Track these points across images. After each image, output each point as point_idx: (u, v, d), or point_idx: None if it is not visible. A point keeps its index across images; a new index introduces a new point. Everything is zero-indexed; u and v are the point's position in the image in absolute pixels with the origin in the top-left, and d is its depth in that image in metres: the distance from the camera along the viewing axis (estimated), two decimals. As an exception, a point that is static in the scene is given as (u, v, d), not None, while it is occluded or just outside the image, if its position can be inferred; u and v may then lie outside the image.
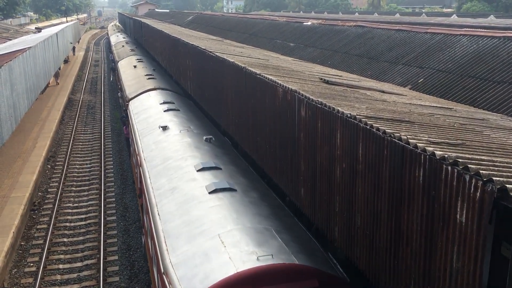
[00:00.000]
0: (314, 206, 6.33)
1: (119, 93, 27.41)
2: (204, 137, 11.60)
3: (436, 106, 8.30)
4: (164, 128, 12.69)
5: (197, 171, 9.39)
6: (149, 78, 21.14)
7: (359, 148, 5.01)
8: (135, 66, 25.51)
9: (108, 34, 69.27)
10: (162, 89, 18.80)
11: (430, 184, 3.89)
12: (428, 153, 3.89)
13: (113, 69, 38.27)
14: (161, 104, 15.78)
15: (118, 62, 30.97)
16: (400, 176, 4.31)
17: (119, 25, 74.20)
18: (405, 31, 16.77)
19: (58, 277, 12.08)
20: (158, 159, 10.89)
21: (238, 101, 9.89)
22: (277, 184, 7.90)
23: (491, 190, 3.21)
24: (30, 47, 24.53)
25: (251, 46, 23.65)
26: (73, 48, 56.65)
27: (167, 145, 11.47)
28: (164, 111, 14.66)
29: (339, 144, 5.48)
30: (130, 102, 18.04)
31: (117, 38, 49.61)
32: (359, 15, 48.14)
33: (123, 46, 38.97)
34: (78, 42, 67.41)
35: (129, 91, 19.85)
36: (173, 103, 16.00)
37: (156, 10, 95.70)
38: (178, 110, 15.02)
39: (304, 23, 25.32)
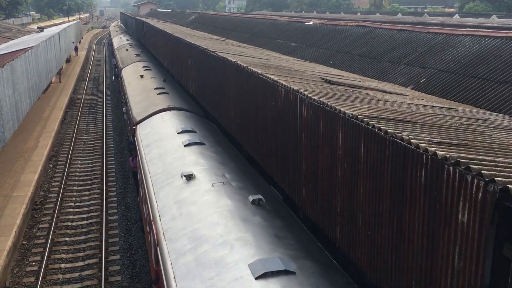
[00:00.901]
0: (315, 206, 6.33)
1: (123, 109, 23.26)
2: (251, 198, 7.95)
3: (438, 106, 8.29)
4: (189, 177, 9.10)
5: (255, 278, 5.65)
6: (160, 93, 17.56)
7: (361, 148, 5.00)
8: (141, 76, 21.84)
9: (110, 35, 65.41)
10: (178, 109, 15.27)
11: (431, 184, 3.88)
12: (430, 153, 3.88)
13: (116, 75, 35.59)
14: (179, 133, 12.13)
15: (122, 69, 27.05)
16: (401, 176, 4.30)
17: (122, 25, 73.90)
18: (407, 31, 16.75)
19: (60, 276, 12.10)
20: (185, 239, 7.10)
21: (240, 101, 9.89)
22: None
23: (493, 191, 3.21)
24: (32, 46, 24.56)
25: (253, 46, 23.64)
26: (76, 49, 55.88)
27: (196, 212, 7.79)
28: (185, 145, 11.05)
29: (340, 144, 5.48)
30: (138, 126, 14.50)
31: (120, 41, 45.50)
32: (361, 15, 48.11)
33: (127, 50, 35.01)
34: (80, 42, 67.38)
35: (136, 110, 16.15)
36: (195, 131, 12.41)
37: (158, 9, 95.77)
38: (203, 144, 11.28)
39: (306, 23, 25.31)
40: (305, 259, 6.30)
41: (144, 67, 24.68)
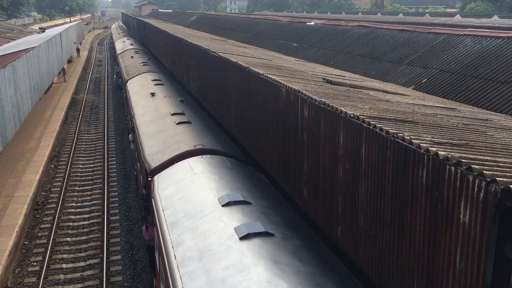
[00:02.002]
0: (317, 206, 6.33)
1: (130, 136, 17.83)
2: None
3: (440, 106, 8.29)
4: None
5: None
6: (180, 122, 12.85)
7: (362, 148, 5.00)
8: (152, 94, 17.29)
9: (112, 38, 60.41)
10: (211, 152, 10.42)
11: (433, 185, 3.88)
12: (432, 154, 3.88)
13: (119, 86, 32.29)
14: (224, 206, 7.51)
15: (127, 81, 22.71)
16: (403, 177, 4.30)
17: (123, 25, 73.73)
18: (408, 31, 16.74)
19: (62, 276, 12.11)
20: None
21: (241, 101, 9.89)
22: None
23: (495, 191, 3.20)
24: (34, 47, 24.61)
25: (254, 46, 23.66)
26: (77, 50, 55.05)
27: None
28: (241, 238, 6.41)
29: (342, 144, 5.48)
30: (156, 177, 9.82)
31: (123, 45, 40.41)
32: (362, 15, 48.11)
33: (132, 57, 30.32)
34: (81, 43, 67.36)
35: (149, 149, 11.59)
36: (249, 202, 7.66)
37: (160, 10, 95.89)
38: (272, 235, 6.59)
39: (307, 23, 25.31)
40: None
41: (154, 80, 20.38)
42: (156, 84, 19.41)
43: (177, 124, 12.85)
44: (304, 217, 7.67)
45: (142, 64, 25.79)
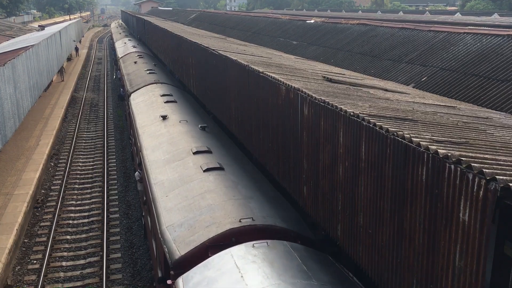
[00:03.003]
0: (316, 205, 6.33)
1: (136, 175, 13.63)
2: None
3: (440, 105, 8.28)
4: None
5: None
6: (210, 169, 9.31)
7: (362, 146, 5.00)
8: (164, 118, 13.48)
9: (112, 38, 55.12)
10: (269, 232, 7.04)
11: (433, 183, 3.88)
12: (431, 152, 3.88)
13: (121, 96, 28.00)
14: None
15: (131, 94, 18.96)
16: (403, 175, 4.30)
17: (123, 23, 73.51)
18: (408, 29, 16.72)
19: (61, 274, 12.12)
20: None
21: (241, 99, 9.89)
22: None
23: (494, 189, 3.20)
24: (33, 45, 24.57)
25: (254, 44, 23.64)
26: (76, 49, 54.28)
27: None
28: None
29: (342, 142, 5.47)
30: (182, 283, 6.32)
31: (124, 47, 35.58)
32: (362, 13, 48.05)
33: (135, 62, 26.04)
34: (80, 41, 67.22)
35: (169, 218, 8.04)
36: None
37: (159, 8, 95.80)
38: None
39: (307, 21, 25.28)
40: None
41: (164, 96, 16.60)
42: (167, 102, 15.65)
43: (204, 171, 9.14)
44: (304, 215, 7.68)
45: (148, 72, 21.83)
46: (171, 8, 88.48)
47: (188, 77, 16.43)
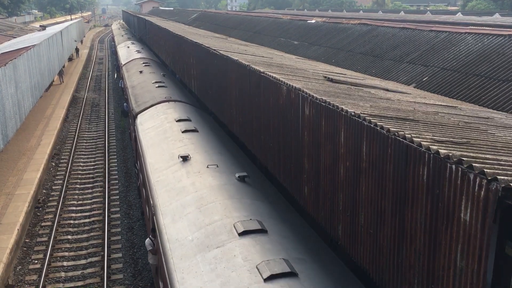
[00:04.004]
0: (317, 205, 6.33)
1: (147, 243, 9.73)
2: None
3: (441, 105, 8.28)
4: None
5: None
6: (275, 275, 5.63)
7: (363, 146, 5.00)
8: (185, 159, 10.03)
9: (114, 41, 51.04)
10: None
11: (434, 183, 3.87)
12: (433, 152, 3.87)
13: (124, 112, 25.24)
14: None
15: (137, 116, 15.30)
16: (404, 175, 4.29)
17: (125, 24, 73.46)
18: (409, 29, 16.71)
19: (62, 274, 12.13)
20: None
21: (242, 99, 9.89)
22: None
23: (496, 189, 3.20)
24: (35, 45, 24.60)
25: (255, 44, 23.64)
26: (77, 50, 53.57)
27: None
28: None
29: (343, 142, 5.47)
30: None
31: (128, 53, 31.44)
32: (363, 13, 48.03)
33: (140, 71, 22.42)
34: (82, 42, 67.20)
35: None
36: None
37: (160, 8, 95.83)
38: None
39: (308, 21, 25.27)
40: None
41: (180, 120, 12.96)
42: (186, 131, 11.92)
43: (265, 280, 5.65)
44: (305, 215, 7.68)
45: (157, 85, 18.29)
46: (172, 8, 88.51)
47: (189, 77, 16.43)
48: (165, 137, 12.01)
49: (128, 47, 34.84)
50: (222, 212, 7.54)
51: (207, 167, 9.54)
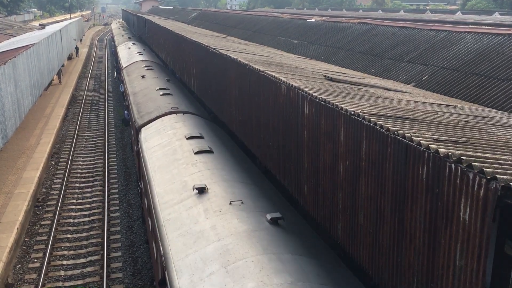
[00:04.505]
0: (317, 204, 6.33)
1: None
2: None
3: (440, 104, 8.28)
4: None
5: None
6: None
7: (363, 145, 5.00)
8: (201, 191, 8.22)
9: (114, 41, 47.96)
10: None
11: (433, 182, 3.88)
12: (432, 151, 3.88)
13: (125, 121, 22.16)
14: None
15: (141, 130, 13.55)
16: (403, 174, 4.30)
17: (125, 23, 73.32)
18: (409, 28, 16.70)
19: (62, 273, 12.13)
20: None
21: (242, 98, 9.89)
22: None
23: (495, 188, 3.20)
24: (34, 43, 24.58)
25: (255, 43, 23.63)
26: (76, 49, 53.02)
27: None
28: None
29: (342, 141, 5.47)
30: None
31: (129, 54, 28.98)
32: (363, 12, 48.03)
33: (143, 76, 20.55)
34: (81, 41, 67.09)
35: None
36: None
37: (160, 7, 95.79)
38: None
39: (308, 20, 25.26)
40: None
41: (191, 138, 11.25)
42: (199, 152, 10.12)
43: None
44: (305, 214, 7.68)
45: (162, 93, 16.45)
46: (171, 7, 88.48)
47: (189, 76, 16.42)
48: (175, 159, 10.22)
49: (129, 48, 32.85)
50: (257, 275, 5.61)
51: (230, 203, 7.58)
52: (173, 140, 11.42)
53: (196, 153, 10.13)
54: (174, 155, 10.48)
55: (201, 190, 8.19)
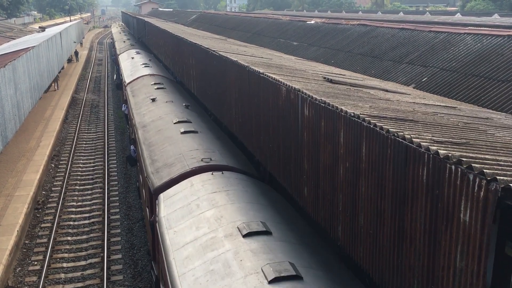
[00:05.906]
0: (317, 205, 6.33)
1: None
2: None
3: (440, 105, 8.28)
4: None
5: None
6: None
7: (363, 147, 5.00)
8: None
9: (114, 47, 44.98)
10: None
11: (433, 183, 3.88)
12: (432, 152, 3.88)
13: (131, 158, 16.47)
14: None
15: (159, 195, 8.82)
16: (403, 175, 4.30)
17: (125, 26, 73.31)
18: (409, 30, 16.72)
19: (62, 275, 12.13)
20: None
21: (241, 100, 9.89)
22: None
23: (495, 189, 3.20)
24: (34, 46, 24.59)
25: (254, 45, 23.65)
26: (76, 53, 51.47)
27: None
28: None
29: (342, 143, 5.47)
30: None
31: (133, 66, 24.71)
32: (362, 14, 48.09)
33: (153, 99, 15.68)
34: (81, 44, 67.10)
35: None
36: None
37: (160, 9, 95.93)
38: None
39: (308, 22, 25.29)
40: None
41: (248, 227, 6.65)
42: (278, 278, 5.50)
43: None
44: (305, 216, 7.68)
45: (184, 130, 11.72)
46: (171, 9, 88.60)
47: (189, 78, 16.44)
48: (228, 273, 5.85)
49: (133, 57, 27.65)
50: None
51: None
52: (217, 231, 6.79)
53: (270, 281, 5.41)
54: (225, 267, 5.97)
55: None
